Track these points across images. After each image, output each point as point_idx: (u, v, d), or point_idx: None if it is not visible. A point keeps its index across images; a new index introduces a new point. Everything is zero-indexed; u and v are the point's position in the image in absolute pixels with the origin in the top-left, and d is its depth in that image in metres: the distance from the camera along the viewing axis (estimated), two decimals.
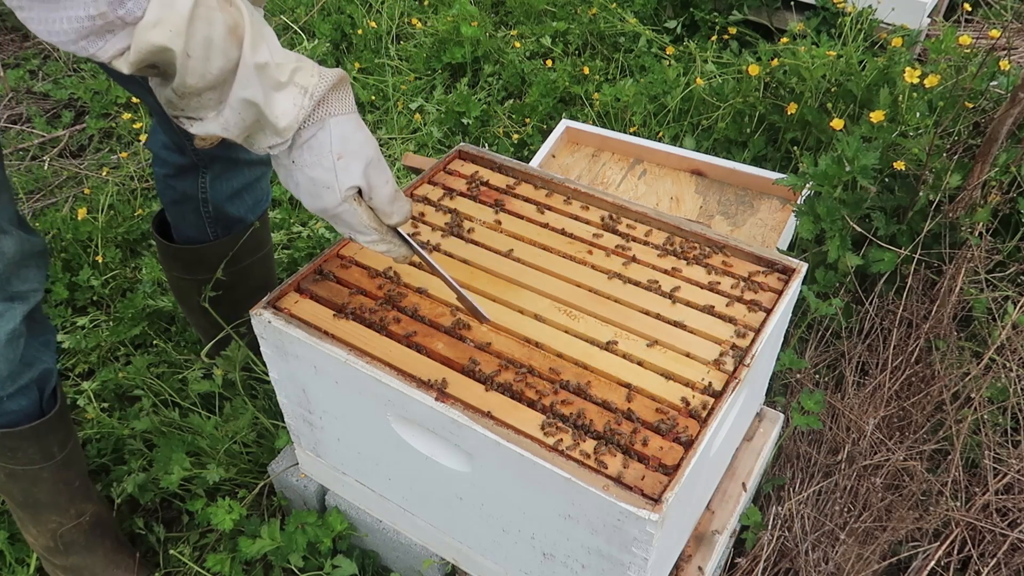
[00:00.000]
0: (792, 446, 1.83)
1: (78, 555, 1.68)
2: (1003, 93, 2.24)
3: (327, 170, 1.04)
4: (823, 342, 2.09)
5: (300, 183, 1.07)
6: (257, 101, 0.96)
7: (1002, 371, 1.87)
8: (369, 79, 3.29)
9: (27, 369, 1.45)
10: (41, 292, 1.45)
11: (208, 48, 0.89)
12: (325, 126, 1.03)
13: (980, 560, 1.60)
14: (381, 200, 1.10)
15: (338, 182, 1.05)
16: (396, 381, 1.20)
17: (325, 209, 1.08)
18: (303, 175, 1.05)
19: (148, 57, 0.88)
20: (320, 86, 1.00)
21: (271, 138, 1.01)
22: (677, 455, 1.11)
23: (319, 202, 1.08)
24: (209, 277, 1.73)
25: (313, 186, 1.06)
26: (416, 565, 1.57)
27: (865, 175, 1.93)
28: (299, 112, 0.99)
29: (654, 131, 2.86)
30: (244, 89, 0.94)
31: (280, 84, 0.97)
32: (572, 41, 3.42)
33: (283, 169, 1.08)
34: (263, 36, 0.96)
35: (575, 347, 1.26)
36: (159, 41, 0.86)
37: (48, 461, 1.54)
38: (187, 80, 0.91)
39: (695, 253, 1.43)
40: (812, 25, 3.10)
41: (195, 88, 0.92)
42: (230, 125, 0.97)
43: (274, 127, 0.99)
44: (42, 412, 1.51)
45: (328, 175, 1.05)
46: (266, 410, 1.94)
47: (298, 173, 1.06)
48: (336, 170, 1.04)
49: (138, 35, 0.85)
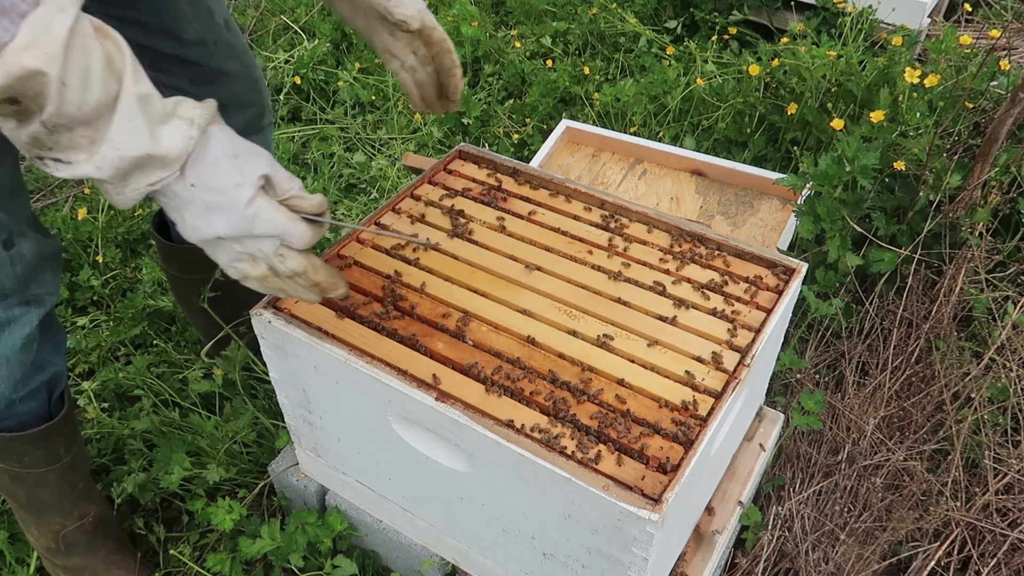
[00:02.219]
0: (792, 446, 1.83)
1: (79, 556, 1.68)
2: (1003, 93, 2.24)
3: (230, 170, 0.96)
4: (823, 342, 2.09)
5: (202, 201, 0.97)
6: (141, 135, 0.89)
7: (1002, 371, 1.87)
8: (369, 79, 3.29)
9: (39, 372, 1.44)
10: (56, 295, 1.43)
11: (86, 78, 0.82)
12: (208, 137, 0.96)
13: (980, 560, 1.60)
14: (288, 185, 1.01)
15: (245, 174, 0.97)
16: (396, 381, 1.20)
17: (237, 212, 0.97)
18: (205, 191, 0.96)
19: (15, 85, 0.79)
20: (204, 115, 0.95)
21: (154, 174, 0.93)
22: (677, 455, 1.11)
23: (230, 206, 0.97)
24: (208, 276, 1.73)
25: (220, 195, 0.96)
26: (416, 565, 1.57)
27: (865, 175, 1.93)
28: (188, 143, 0.93)
29: (654, 131, 2.86)
30: (126, 122, 0.87)
31: (165, 116, 0.92)
32: (572, 41, 3.42)
33: (175, 199, 0.97)
34: (141, 71, 0.90)
35: (575, 347, 1.26)
36: (32, 64, 0.78)
37: (54, 464, 1.53)
38: (64, 109, 0.82)
39: (695, 253, 1.44)
40: (812, 25, 3.09)
41: (71, 119, 0.84)
42: (105, 164, 0.88)
43: (161, 161, 0.92)
44: (50, 415, 1.50)
45: (233, 173, 0.96)
46: (266, 410, 1.94)
47: (198, 192, 0.96)
48: (240, 166, 0.97)
49: (7, 59, 0.77)
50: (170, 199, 0.98)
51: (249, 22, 3.56)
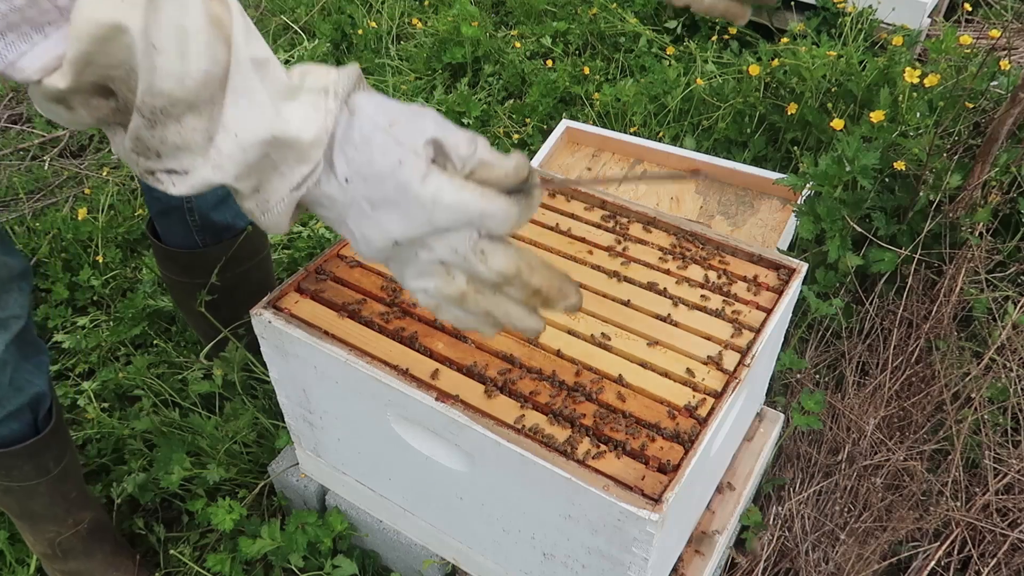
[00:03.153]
0: (792, 446, 1.83)
1: (77, 560, 1.68)
2: (1003, 93, 2.24)
3: (388, 145, 0.69)
4: (823, 342, 2.09)
5: (364, 199, 0.70)
6: (263, 112, 0.67)
7: (1002, 371, 1.87)
8: (369, 79, 3.29)
9: (18, 394, 1.39)
10: (24, 318, 1.33)
11: (183, 40, 0.63)
12: (355, 110, 0.71)
13: (980, 560, 1.60)
14: (469, 149, 0.70)
15: (406, 145, 0.68)
16: (396, 381, 1.20)
17: (408, 200, 0.69)
18: (362, 183, 0.70)
19: (95, 52, 0.61)
20: (341, 82, 0.70)
21: (295, 169, 0.70)
22: (677, 455, 1.11)
23: (398, 195, 0.69)
24: (207, 280, 1.72)
25: (381, 184, 0.69)
26: (416, 565, 1.57)
27: (865, 175, 1.93)
28: (326, 117, 0.69)
29: (654, 131, 2.86)
30: (241, 97, 0.66)
31: (292, 89, 0.69)
32: (572, 41, 3.42)
33: (334, 207, 0.72)
34: (256, 32, 0.69)
35: (575, 347, 1.26)
36: (107, 17, 0.60)
37: (43, 477, 1.50)
38: (158, 84, 0.63)
39: (695, 253, 1.44)
40: (812, 25, 3.10)
41: (172, 99, 0.64)
42: (225, 160, 0.68)
43: (296, 148, 0.69)
44: (37, 430, 1.46)
45: (392, 149, 0.69)
46: (266, 410, 1.94)
47: (355, 188, 0.70)
48: (398, 135, 0.69)
49: (77, 17, 0.60)
50: (328, 209, 0.73)
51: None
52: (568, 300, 0.77)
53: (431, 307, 0.77)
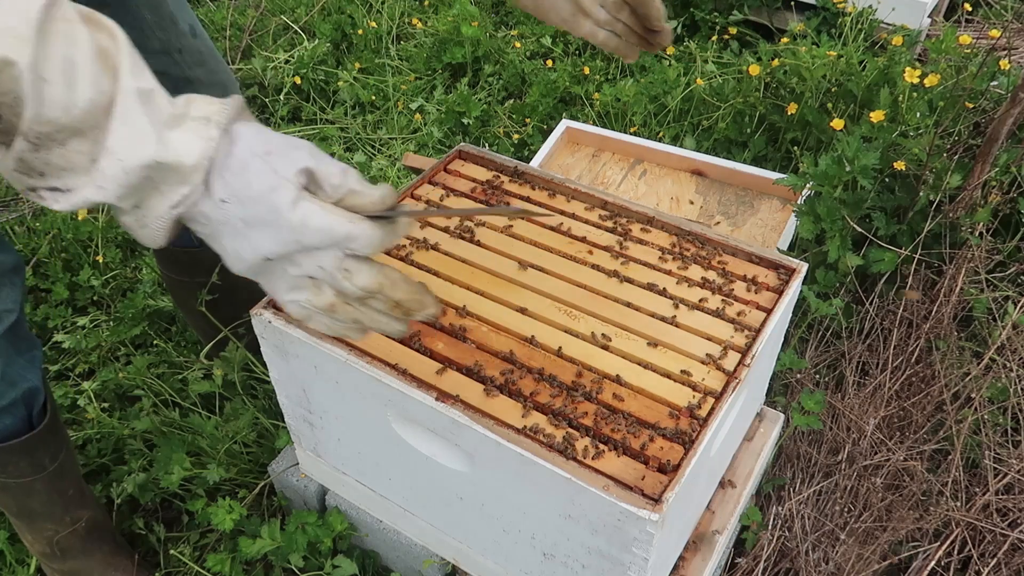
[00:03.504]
0: (792, 446, 1.83)
1: (75, 559, 1.67)
2: (1003, 93, 2.24)
3: (263, 171, 0.76)
4: (823, 342, 2.09)
5: (238, 219, 0.78)
6: (145, 139, 0.72)
7: (1002, 371, 1.87)
8: (369, 79, 3.29)
9: (11, 389, 1.39)
10: (16, 312, 1.34)
11: (70, 71, 0.67)
12: (233, 137, 0.78)
13: (980, 560, 1.60)
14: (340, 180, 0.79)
15: (280, 172, 0.76)
16: (396, 381, 1.20)
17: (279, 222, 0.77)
18: (238, 204, 0.77)
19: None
20: (224, 112, 0.77)
21: (173, 192, 0.76)
22: (677, 455, 1.11)
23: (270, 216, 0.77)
24: (206, 280, 1.72)
25: (256, 206, 0.77)
26: (416, 565, 1.57)
27: (865, 175, 1.93)
28: (207, 144, 0.75)
29: (654, 131, 2.86)
30: (125, 125, 0.71)
31: (176, 117, 0.75)
32: (572, 41, 3.42)
33: (208, 224, 0.80)
34: (143, 64, 0.74)
35: (575, 347, 1.26)
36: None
37: (39, 473, 1.50)
38: (47, 112, 0.67)
39: (695, 253, 1.44)
40: (812, 25, 3.10)
41: (58, 126, 0.68)
42: (107, 182, 0.72)
43: (177, 172, 0.74)
44: (32, 426, 1.46)
45: (267, 175, 0.76)
46: (266, 410, 1.94)
47: (231, 208, 0.77)
48: (273, 163, 0.77)
49: None
50: (203, 225, 0.80)
51: (249, 22, 3.56)
52: (427, 310, 0.89)
53: (303, 317, 0.86)
